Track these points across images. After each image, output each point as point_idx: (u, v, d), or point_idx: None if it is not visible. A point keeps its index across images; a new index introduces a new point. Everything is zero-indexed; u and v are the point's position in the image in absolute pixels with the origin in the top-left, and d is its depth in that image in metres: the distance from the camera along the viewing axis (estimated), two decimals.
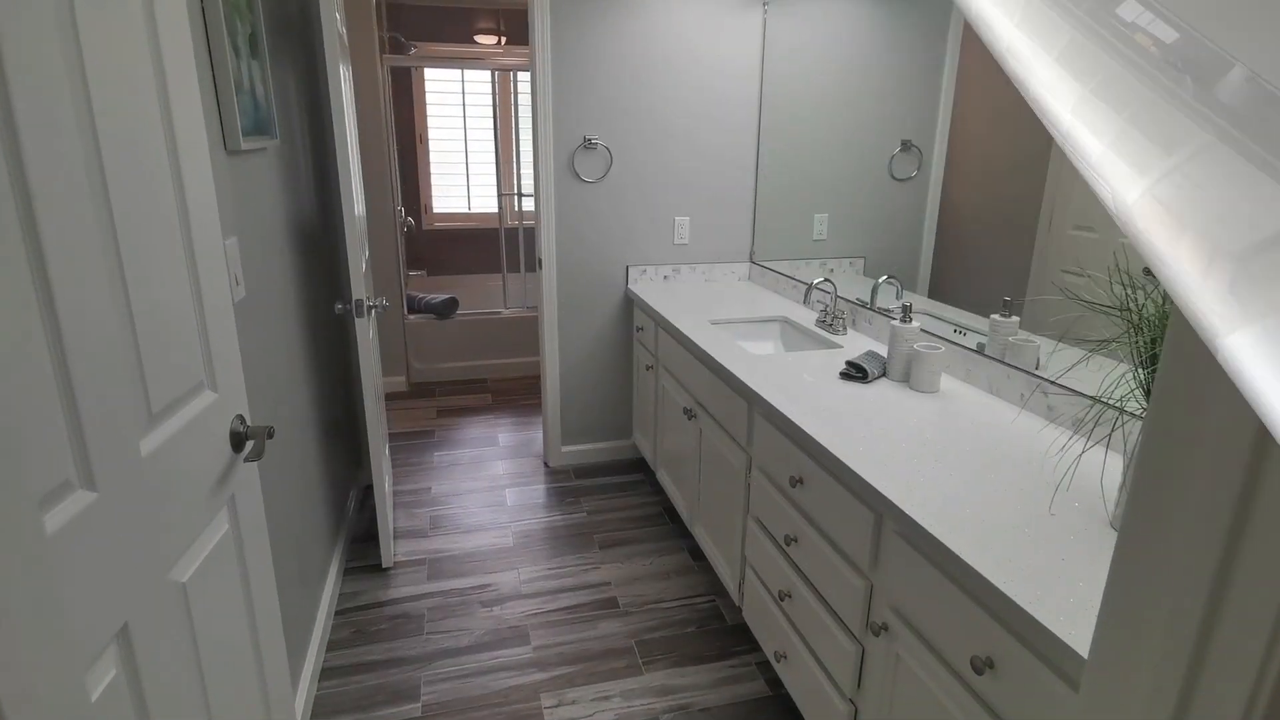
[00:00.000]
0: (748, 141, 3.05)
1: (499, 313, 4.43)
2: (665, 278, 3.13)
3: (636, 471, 3.18)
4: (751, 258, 3.19)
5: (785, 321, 2.55)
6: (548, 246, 2.95)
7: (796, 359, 2.04)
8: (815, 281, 2.31)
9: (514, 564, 2.48)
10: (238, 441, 1.20)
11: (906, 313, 1.86)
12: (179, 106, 1.04)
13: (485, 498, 2.94)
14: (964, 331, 1.90)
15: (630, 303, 3.13)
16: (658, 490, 3.02)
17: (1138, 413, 1.08)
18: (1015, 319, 1.74)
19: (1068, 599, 0.97)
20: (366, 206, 3.86)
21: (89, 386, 0.79)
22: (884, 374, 1.89)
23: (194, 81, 1.09)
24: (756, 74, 2.98)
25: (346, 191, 2.04)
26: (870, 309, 2.27)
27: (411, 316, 4.29)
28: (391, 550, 2.44)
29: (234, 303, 1.46)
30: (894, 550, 1.28)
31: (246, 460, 1.16)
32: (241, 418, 1.22)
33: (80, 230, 0.78)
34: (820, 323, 2.38)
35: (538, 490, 3.01)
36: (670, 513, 2.84)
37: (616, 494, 2.98)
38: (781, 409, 1.66)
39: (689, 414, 2.35)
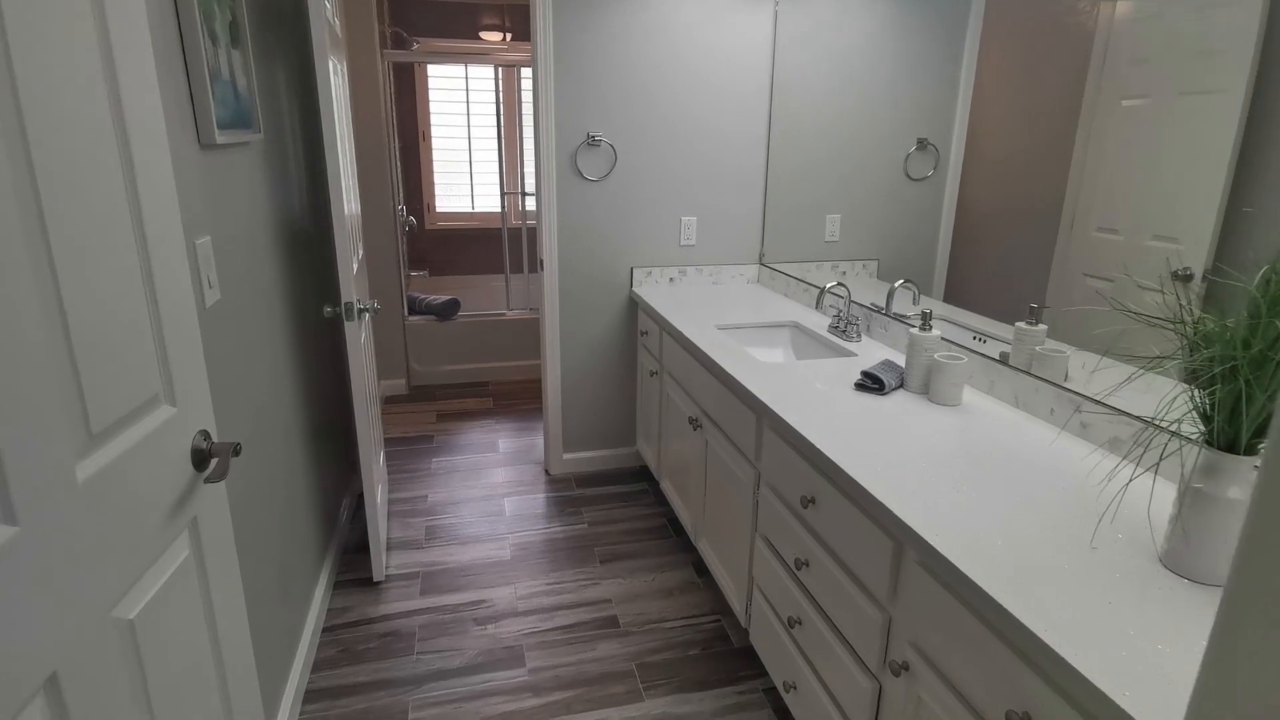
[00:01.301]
0: (757, 140, 2.94)
1: (502, 314, 4.34)
2: (671, 280, 3.02)
3: (639, 481, 3.08)
4: (761, 260, 3.08)
5: (796, 327, 2.44)
6: (549, 247, 2.85)
7: (808, 368, 1.94)
8: (828, 286, 2.20)
9: (511, 578, 2.38)
10: (200, 459, 1.10)
11: (926, 320, 1.75)
12: (131, 92, 0.94)
13: (483, 507, 2.84)
14: (984, 339, 1.79)
15: (634, 306, 3.03)
16: (661, 501, 2.91)
17: (1194, 437, 0.97)
18: (1043, 327, 1.62)
19: (1119, 651, 0.85)
20: (366, 205, 3.77)
21: (7, 406, 0.69)
22: (901, 385, 1.78)
23: (149, 65, 0.99)
24: (767, 70, 2.87)
25: (335, 189, 1.94)
26: (885, 315, 2.16)
27: (412, 318, 4.20)
28: (383, 563, 2.35)
29: (205, 307, 1.37)
30: (916, 582, 1.17)
31: (207, 481, 1.06)
32: (206, 433, 1.12)
33: None
34: (833, 329, 2.27)
35: (537, 500, 2.91)
36: (674, 524, 2.73)
37: (619, 504, 2.87)
38: (792, 423, 1.55)
39: (694, 424, 2.24)
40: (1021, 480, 1.29)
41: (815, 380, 1.83)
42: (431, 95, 4.91)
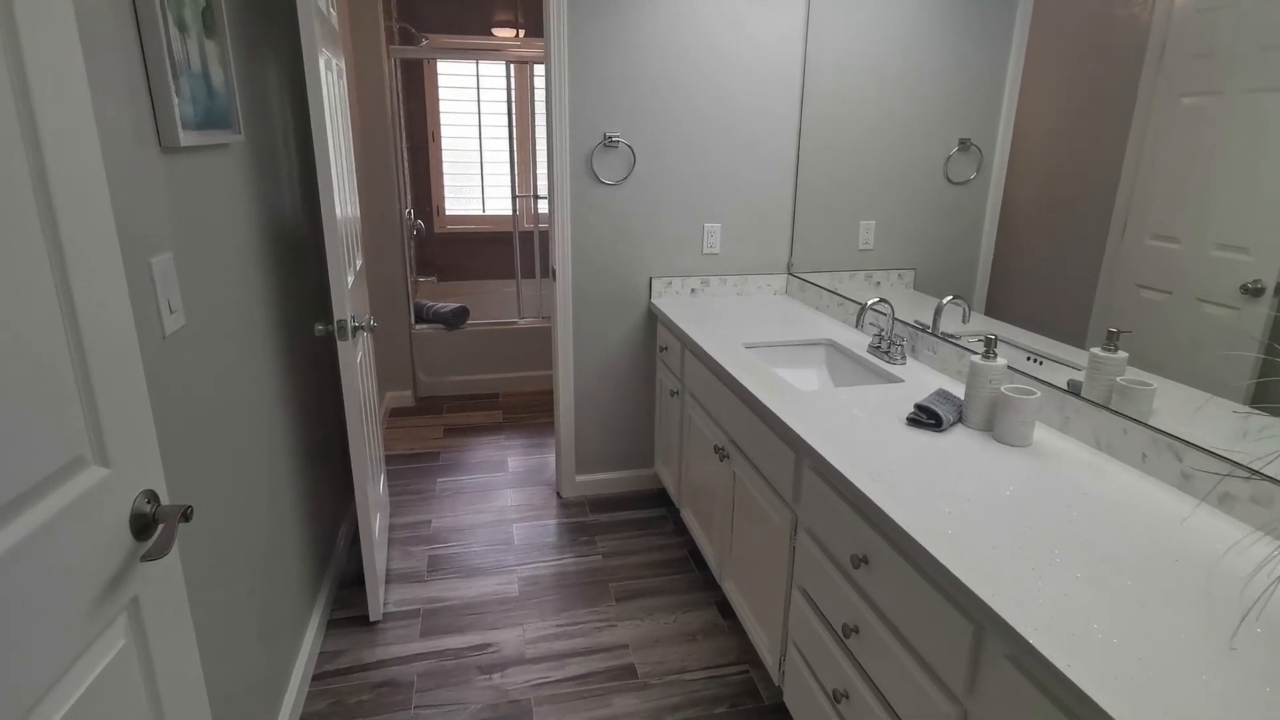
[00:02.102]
0: (787, 141, 2.73)
1: (514, 323, 4.15)
2: (693, 291, 2.82)
3: (658, 505, 2.88)
4: (789, 269, 2.87)
5: (831, 346, 2.23)
6: (562, 255, 2.66)
7: (850, 396, 1.73)
8: (869, 302, 1.99)
9: (519, 618, 2.18)
10: (142, 527, 0.91)
11: (990, 347, 1.54)
12: (43, 82, 0.75)
13: (490, 534, 2.66)
14: (1040, 360, 1.60)
15: (654, 318, 2.83)
16: (681, 530, 2.71)
17: None
18: (1123, 355, 1.42)
19: None
20: (371, 209, 3.60)
21: None
22: (960, 419, 1.57)
23: (73, 49, 0.80)
24: (798, 66, 2.66)
25: (326, 196, 1.76)
26: (933, 334, 1.95)
27: (419, 326, 4.02)
28: (380, 601, 2.16)
29: (164, 335, 1.18)
30: (1002, 678, 0.97)
31: (145, 559, 0.87)
32: (151, 494, 0.94)
33: None
34: (874, 349, 2.06)
35: (548, 526, 2.71)
36: (696, 557, 2.53)
37: (636, 532, 2.68)
38: (840, 468, 1.35)
39: (720, 453, 2.04)
40: (1126, 547, 1.08)
41: (860, 412, 1.63)
42: (441, 94, 4.74)
